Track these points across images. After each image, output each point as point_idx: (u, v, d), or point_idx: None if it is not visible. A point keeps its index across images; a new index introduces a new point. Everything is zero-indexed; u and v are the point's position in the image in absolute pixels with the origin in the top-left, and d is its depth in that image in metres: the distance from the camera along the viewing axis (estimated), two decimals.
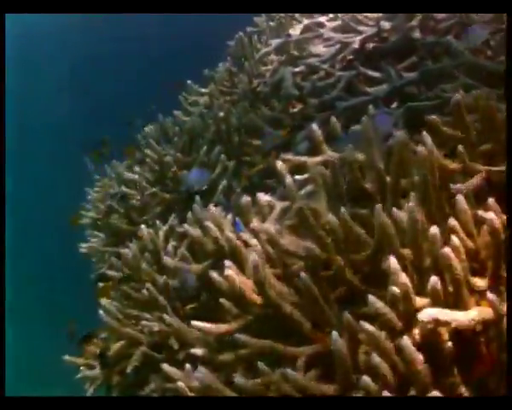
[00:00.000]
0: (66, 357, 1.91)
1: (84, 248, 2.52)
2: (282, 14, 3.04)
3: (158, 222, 1.98)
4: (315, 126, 1.87)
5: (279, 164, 1.76)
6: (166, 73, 4.51)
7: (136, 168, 2.37)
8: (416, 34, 2.38)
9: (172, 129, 2.46)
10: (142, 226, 1.97)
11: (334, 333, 1.12)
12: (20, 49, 8.70)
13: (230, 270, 1.39)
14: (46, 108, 9.31)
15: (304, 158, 1.77)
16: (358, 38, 2.52)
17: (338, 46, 2.57)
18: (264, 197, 1.68)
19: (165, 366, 1.52)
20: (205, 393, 1.35)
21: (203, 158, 2.18)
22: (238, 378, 1.24)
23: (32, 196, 8.94)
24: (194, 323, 1.43)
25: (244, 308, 1.41)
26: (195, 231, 1.63)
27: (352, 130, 1.98)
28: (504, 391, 1.05)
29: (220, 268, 1.59)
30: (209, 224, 1.55)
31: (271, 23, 3.07)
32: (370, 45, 2.51)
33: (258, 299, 1.38)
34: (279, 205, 1.67)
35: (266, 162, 2.11)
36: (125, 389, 1.76)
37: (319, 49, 2.71)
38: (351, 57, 2.53)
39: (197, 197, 1.82)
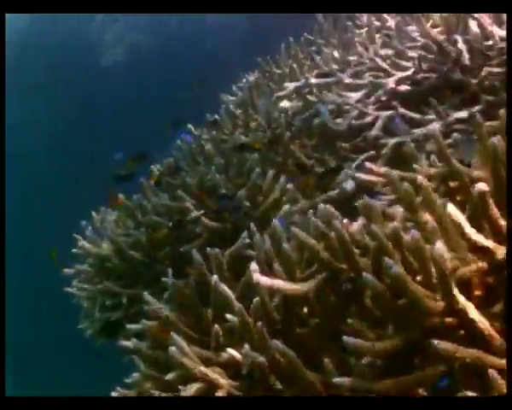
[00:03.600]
0: None
1: (82, 291, 2.07)
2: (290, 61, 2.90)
3: (209, 249, 1.63)
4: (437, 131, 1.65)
5: (392, 174, 1.51)
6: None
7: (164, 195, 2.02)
8: (456, 74, 2.27)
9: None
10: (194, 251, 1.61)
11: None
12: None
13: (398, 269, 1.08)
14: None
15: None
16: (392, 78, 2.39)
17: (369, 87, 2.43)
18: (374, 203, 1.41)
19: None
20: None
21: (255, 181, 1.88)
22: None
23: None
24: (349, 340, 1.09)
25: (412, 319, 1.11)
26: (307, 238, 1.31)
27: None
28: None
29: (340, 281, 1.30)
30: (337, 222, 1.25)
31: (277, 70, 2.92)
32: (404, 87, 2.38)
33: (438, 306, 1.08)
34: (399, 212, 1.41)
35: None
36: None
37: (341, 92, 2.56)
38: (384, 98, 2.39)
39: (275, 221, 1.52)
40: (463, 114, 2.06)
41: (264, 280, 1.36)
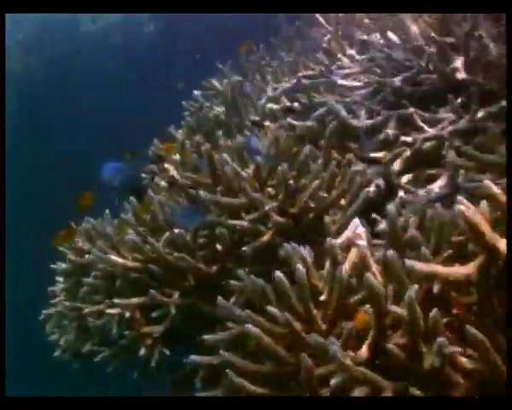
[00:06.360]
0: None
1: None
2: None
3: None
4: None
5: None
6: None
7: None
8: (461, 74, 2.29)
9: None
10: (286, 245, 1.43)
11: None
12: None
13: None
14: None
15: None
16: (398, 77, 2.37)
17: (374, 86, 2.40)
18: None
19: None
20: None
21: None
22: None
23: None
24: None
25: None
26: (475, 218, 1.20)
27: None
28: None
29: None
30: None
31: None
32: (408, 87, 2.37)
33: None
34: None
35: None
36: None
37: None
38: (391, 98, 2.36)
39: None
40: (494, 108, 2.07)
41: (421, 266, 1.23)
